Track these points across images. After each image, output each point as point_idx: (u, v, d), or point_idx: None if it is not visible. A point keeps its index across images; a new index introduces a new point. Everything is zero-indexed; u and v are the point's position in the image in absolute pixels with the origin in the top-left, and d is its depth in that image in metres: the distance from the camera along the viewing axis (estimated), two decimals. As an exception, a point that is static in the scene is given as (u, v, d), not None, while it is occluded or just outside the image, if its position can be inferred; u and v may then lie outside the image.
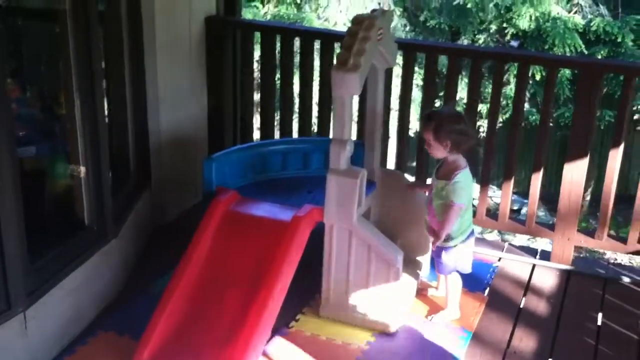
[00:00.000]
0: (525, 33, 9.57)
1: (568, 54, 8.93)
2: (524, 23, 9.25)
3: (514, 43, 9.99)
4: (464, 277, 3.24)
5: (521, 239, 7.80)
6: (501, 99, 4.85)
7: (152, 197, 3.90)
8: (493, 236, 7.75)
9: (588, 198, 9.66)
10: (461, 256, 3.15)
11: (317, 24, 9.10)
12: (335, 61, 2.97)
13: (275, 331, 3.05)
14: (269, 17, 9.14)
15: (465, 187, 3.02)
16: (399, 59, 3.71)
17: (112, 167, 3.56)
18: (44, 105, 3.58)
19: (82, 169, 3.14)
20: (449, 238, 3.10)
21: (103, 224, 3.21)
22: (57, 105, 3.41)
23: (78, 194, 3.19)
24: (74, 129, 3.09)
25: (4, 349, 2.63)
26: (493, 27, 9.79)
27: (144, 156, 3.84)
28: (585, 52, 9.21)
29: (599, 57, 9.01)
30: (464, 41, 9.76)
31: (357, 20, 3.00)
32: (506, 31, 9.66)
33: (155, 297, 2.99)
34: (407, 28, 10.06)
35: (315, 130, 4.43)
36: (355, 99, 3.11)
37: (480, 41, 9.80)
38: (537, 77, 8.74)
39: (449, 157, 3.06)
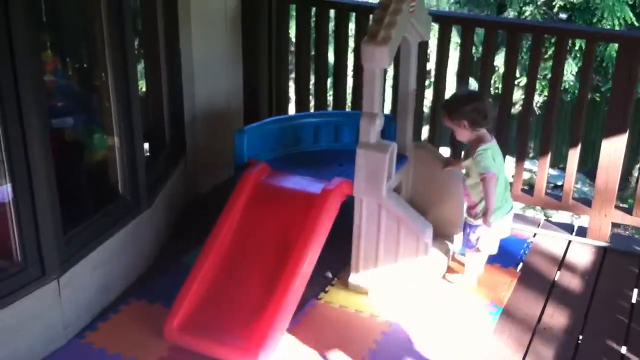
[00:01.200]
0: (574, 5, 9.32)
1: (617, 27, 8.67)
2: (572, -6, 9.00)
3: (563, 15, 9.75)
4: (497, 252, 3.21)
5: (564, 216, 7.68)
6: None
7: (187, 169, 3.94)
8: (534, 212, 7.64)
9: (636, 174, 9.44)
10: (485, 235, 3.12)
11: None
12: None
13: (304, 302, 3.07)
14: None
15: (488, 159, 2.99)
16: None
17: (147, 138, 3.61)
18: (81, 77, 3.63)
19: (117, 140, 3.18)
20: (476, 216, 3.08)
21: (136, 194, 3.25)
22: (93, 77, 3.46)
23: (113, 165, 3.24)
24: (108, 100, 3.12)
25: (39, 315, 2.71)
26: (540, -1, 9.56)
27: (178, 128, 3.87)
28: (636, 24, 8.92)
29: (650, 29, 8.72)
30: (510, 13, 9.55)
31: (389, -7, 2.96)
32: (554, 3, 9.42)
33: (186, 267, 3.03)
34: (452, 0, 9.89)
35: (350, 103, 4.41)
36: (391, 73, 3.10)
37: (527, 13, 9.57)
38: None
39: (472, 136, 3.04)
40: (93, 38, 3.09)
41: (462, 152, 3.17)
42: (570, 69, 8.44)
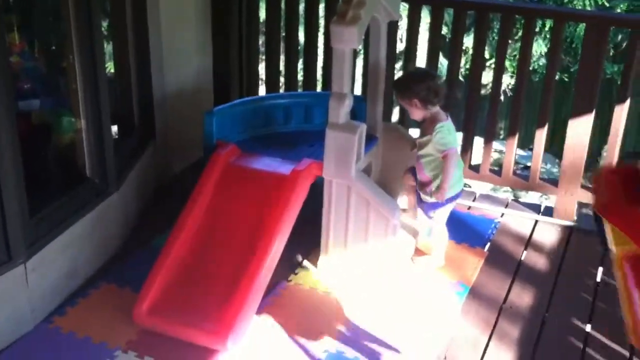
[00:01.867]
0: (545, -15, 9.37)
1: (588, 8, 8.73)
2: (543, -25, 9.04)
3: (535, -5, 9.79)
4: (465, 232, 3.25)
5: (533, 197, 7.74)
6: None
7: (156, 151, 3.91)
8: (505, 194, 7.70)
9: (604, 154, 9.55)
10: (441, 212, 3.19)
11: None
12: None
13: (274, 284, 3.08)
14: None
15: (447, 136, 3.02)
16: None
17: (115, 121, 3.58)
18: (49, 59, 3.58)
19: (84, 123, 3.15)
20: (430, 193, 3.13)
21: (104, 177, 3.23)
22: (61, 59, 3.41)
23: (80, 147, 3.21)
24: (75, 82, 3.09)
25: (6, 300, 2.68)
26: (511, -20, 9.59)
27: (147, 110, 3.84)
28: (607, 4, 8.99)
29: (619, 11, 8.79)
30: (482, -7, 9.57)
31: (358, -27, 2.95)
32: (525, -17, 9.46)
33: (156, 250, 3.02)
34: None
35: (320, 84, 4.40)
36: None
37: (498, -7, 9.60)
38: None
39: (426, 114, 3.07)
40: (60, 19, 3.05)
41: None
42: (540, 50, 8.48)
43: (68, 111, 3.28)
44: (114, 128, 3.68)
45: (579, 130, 3.59)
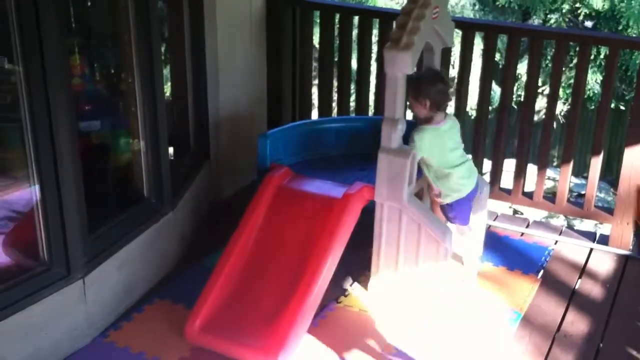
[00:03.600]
0: (599, 13, 9.27)
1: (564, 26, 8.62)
2: (597, 3, 8.95)
3: (589, 24, 9.70)
4: (518, 259, 3.22)
5: (588, 225, 7.61)
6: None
7: (211, 173, 3.99)
8: (558, 221, 7.59)
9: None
10: (456, 211, 3.23)
11: (381, 3, 9.03)
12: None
13: (324, 305, 3.10)
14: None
15: (420, 140, 3.03)
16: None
17: (172, 142, 3.67)
18: (109, 82, 3.70)
19: (142, 144, 3.24)
20: (443, 196, 3.19)
21: (161, 197, 3.31)
22: (120, 82, 3.52)
23: (138, 167, 3.29)
24: (135, 105, 3.18)
25: (65, 314, 2.76)
26: (565, 7, 9.51)
27: (203, 132, 3.92)
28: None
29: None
30: (535, 21, 9.52)
31: (413, -1, 2.99)
32: (579, 11, 9.37)
33: (209, 269, 3.08)
34: (477, 7, 9.88)
35: (372, 109, 4.44)
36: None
37: (552, 21, 9.53)
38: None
39: (428, 115, 3.09)
40: (120, 43, 3.15)
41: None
42: (595, 78, 8.38)
43: (126, 132, 3.38)
44: (171, 149, 3.77)
45: (635, 158, 3.54)
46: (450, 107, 4.12)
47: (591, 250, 3.69)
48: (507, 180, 4.02)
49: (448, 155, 3.11)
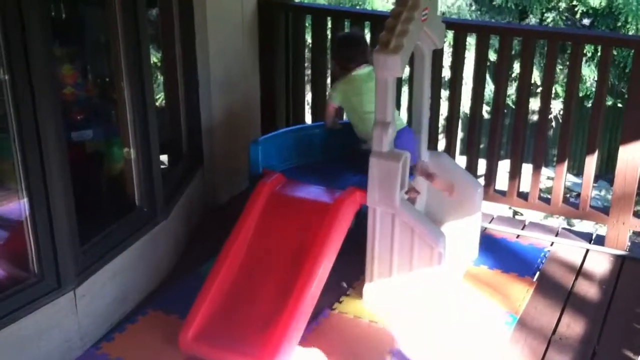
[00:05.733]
0: (596, 11, 9.24)
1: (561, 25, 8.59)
2: (594, 0, 8.92)
3: (586, 21, 9.67)
4: (514, 261, 3.19)
5: (587, 225, 7.56)
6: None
7: (204, 179, 3.97)
8: (556, 221, 7.54)
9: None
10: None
11: (379, 5, 9.01)
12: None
13: (318, 312, 3.08)
14: (330, -2, 9.10)
15: (335, 91, 3.44)
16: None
17: (164, 149, 3.65)
18: (101, 90, 3.69)
19: (133, 152, 3.22)
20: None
21: (153, 205, 3.29)
22: (112, 90, 3.51)
23: (130, 176, 3.27)
24: (125, 112, 3.17)
25: (56, 326, 2.75)
26: (562, 5, 9.48)
27: (196, 139, 3.91)
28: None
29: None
30: (532, 20, 9.50)
31: (401, 1, 2.96)
32: (576, 9, 9.35)
33: (202, 277, 3.05)
34: (473, 7, 9.86)
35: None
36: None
37: (549, 20, 9.50)
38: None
39: (343, 73, 3.39)
40: (111, 51, 3.14)
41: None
42: (593, 76, 8.36)
43: (117, 140, 3.37)
44: (164, 157, 3.76)
45: (630, 157, 3.51)
46: (444, 108, 4.12)
47: (587, 251, 3.67)
48: (503, 181, 4.00)
49: (367, 96, 3.26)
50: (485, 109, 6.22)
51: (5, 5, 2.35)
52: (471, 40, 5.01)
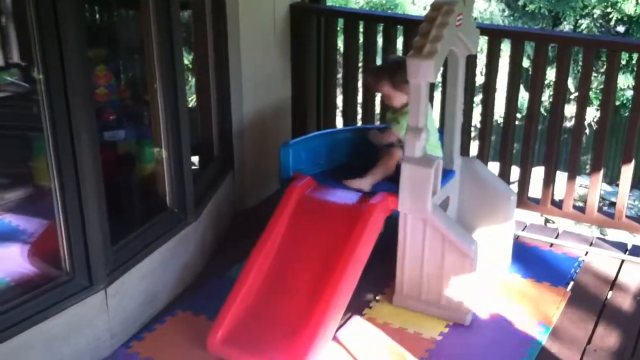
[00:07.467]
0: (631, 18, 9.12)
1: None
2: (629, 7, 8.80)
3: (621, 29, 9.55)
4: (547, 271, 3.14)
5: (622, 234, 7.42)
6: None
7: (234, 182, 3.97)
8: (592, 229, 7.42)
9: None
10: None
11: (410, 10, 8.99)
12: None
13: (348, 317, 3.06)
14: (362, 3, 9.10)
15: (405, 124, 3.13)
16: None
17: (196, 151, 3.67)
18: (134, 91, 3.71)
19: (165, 153, 3.23)
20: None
21: (183, 207, 3.29)
22: (144, 91, 3.53)
23: (161, 177, 3.29)
24: (157, 114, 3.18)
25: (87, 324, 2.76)
26: (597, 12, 9.38)
27: (227, 142, 3.91)
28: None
29: None
30: (565, 27, 9.40)
31: (436, 6, 2.95)
32: (610, 16, 9.24)
33: (232, 280, 3.05)
34: (506, 13, 9.79)
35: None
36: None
37: (583, 26, 9.40)
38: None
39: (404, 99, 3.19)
40: (144, 53, 3.15)
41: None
42: (629, 83, 8.24)
43: (149, 141, 3.38)
44: (195, 158, 3.76)
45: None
46: (476, 115, 4.08)
47: (622, 261, 3.60)
48: (535, 188, 3.95)
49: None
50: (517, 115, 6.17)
51: (40, 6, 2.37)
52: (503, 47, 4.96)
